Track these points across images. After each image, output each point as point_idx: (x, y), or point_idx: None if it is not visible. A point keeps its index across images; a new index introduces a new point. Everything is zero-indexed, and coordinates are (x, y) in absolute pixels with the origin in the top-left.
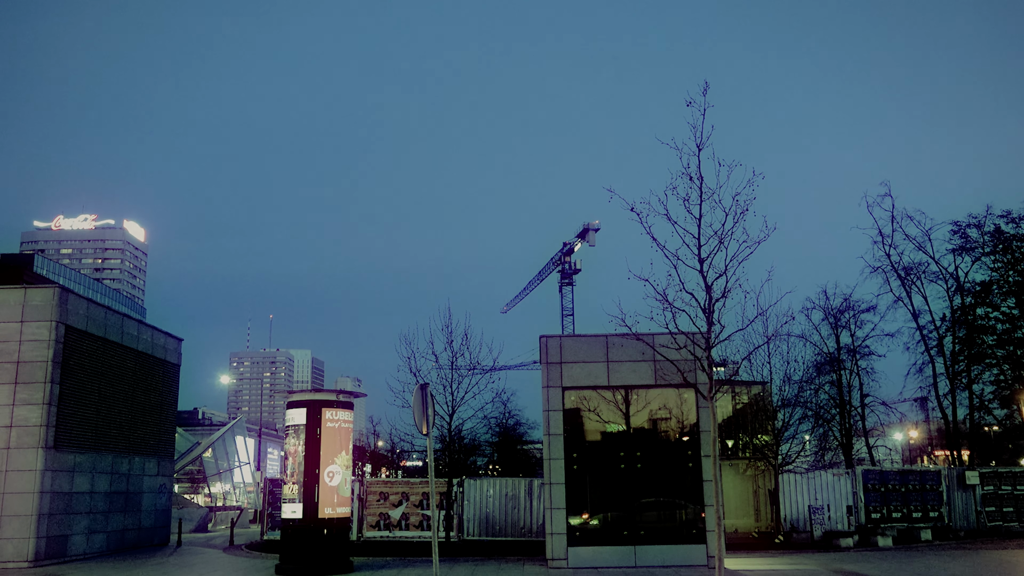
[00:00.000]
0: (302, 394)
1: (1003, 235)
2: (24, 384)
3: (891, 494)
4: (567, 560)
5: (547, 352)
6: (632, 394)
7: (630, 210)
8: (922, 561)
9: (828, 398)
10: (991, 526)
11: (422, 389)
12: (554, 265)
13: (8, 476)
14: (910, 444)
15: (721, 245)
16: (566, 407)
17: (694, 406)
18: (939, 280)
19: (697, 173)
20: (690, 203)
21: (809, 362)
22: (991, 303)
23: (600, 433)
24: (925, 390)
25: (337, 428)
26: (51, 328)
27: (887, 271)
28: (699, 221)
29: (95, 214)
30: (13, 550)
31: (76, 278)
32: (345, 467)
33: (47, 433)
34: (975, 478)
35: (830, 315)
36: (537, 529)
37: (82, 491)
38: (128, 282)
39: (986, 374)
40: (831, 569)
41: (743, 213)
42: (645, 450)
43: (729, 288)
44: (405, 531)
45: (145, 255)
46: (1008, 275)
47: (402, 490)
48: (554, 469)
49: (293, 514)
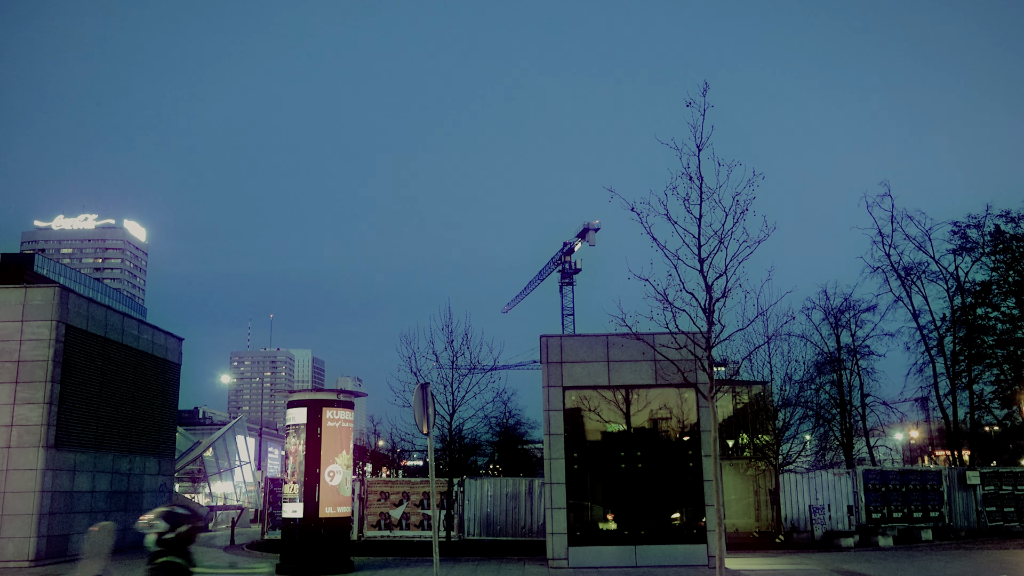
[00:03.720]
0: (302, 393)
1: (1003, 235)
2: (25, 383)
3: (892, 494)
4: (568, 560)
5: (547, 352)
6: (632, 394)
7: (630, 210)
8: (923, 561)
9: (829, 398)
10: (992, 526)
11: (423, 388)
12: (554, 265)
13: (9, 475)
14: (911, 444)
15: (721, 245)
16: (567, 407)
17: (694, 406)
18: (939, 280)
19: (697, 173)
20: (690, 203)
21: (809, 362)
22: (991, 303)
23: (601, 433)
24: (925, 390)
25: (338, 427)
26: (52, 327)
27: (887, 271)
28: (699, 221)
29: (95, 214)
30: (14, 549)
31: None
32: (346, 466)
33: (48, 432)
34: (976, 478)
35: (830, 315)
36: (538, 529)
37: (83, 490)
38: (128, 282)
39: (986, 374)
40: (832, 569)
41: (743, 213)
42: (646, 450)
43: (729, 288)
44: (406, 531)
45: (145, 255)
46: (1008, 275)
47: (403, 490)
48: (555, 469)
49: (294, 513)
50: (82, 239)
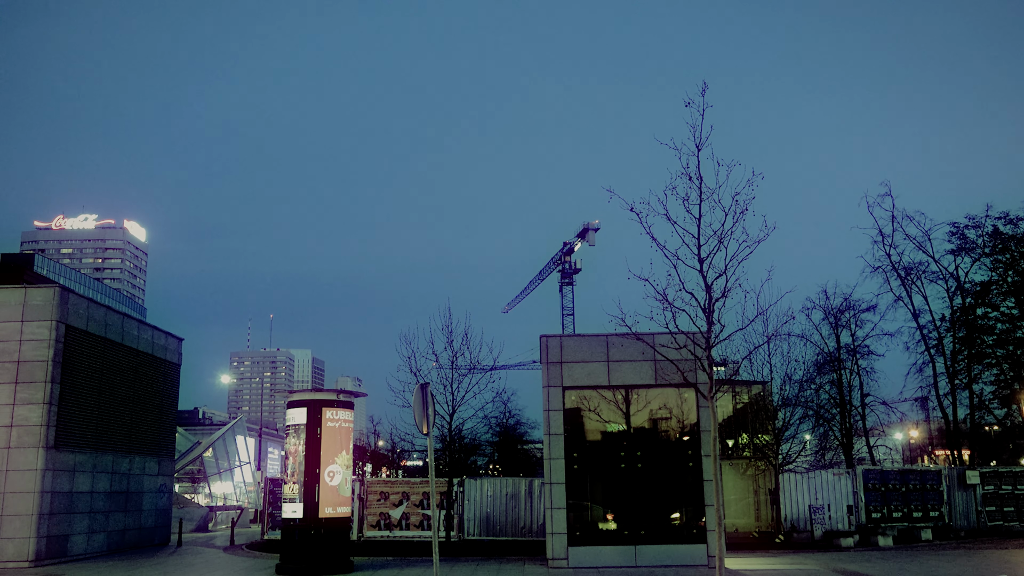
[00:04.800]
0: (302, 394)
1: (1001, 236)
2: (24, 384)
3: (891, 494)
4: (567, 560)
5: (547, 352)
6: (632, 394)
7: (630, 210)
8: (923, 561)
9: (828, 398)
10: (992, 526)
11: (422, 388)
12: (554, 265)
13: (8, 476)
14: (910, 444)
15: (721, 245)
16: (566, 407)
17: (694, 406)
18: (939, 280)
19: (696, 173)
20: (690, 203)
21: (809, 362)
22: (991, 303)
23: (600, 433)
24: (925, 390)
25: (337, 428)
26: (51, 328)
27: (887, 271)
28: (699, 221)
29: (95, 214)
30: (14, 550)
31: (76, 278)
32: (346, 467)
33: (47, 433)
34: (975, 478)
35: (830, 315)
36: (538, 529)
37: (82, 491)
38: (128, 282)
39: (986, 374)
40: (832, 569)
41: (743, 213)
42: (645, 450)
43: (729, 288)
44: (406, 531)
45: (145, 255)
46: (1007, 275)
47: (403, 490)
48: (554, 469)
49: (294, 514)
50: (82, 239)
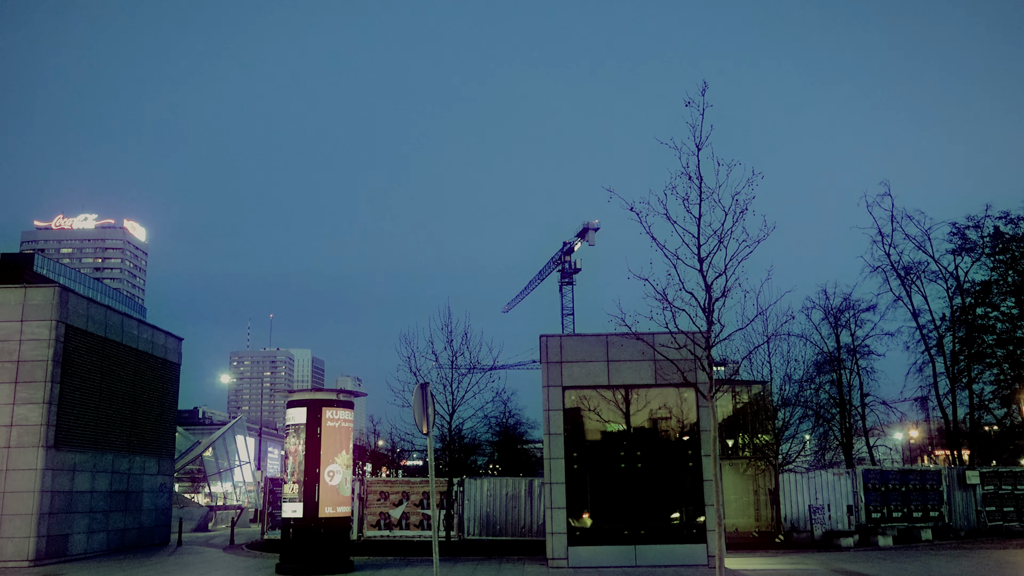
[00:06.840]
0: (302, 393)
1: (1002, 236)
2: (24, 383)
3: (891, 494)
4: (567, 559)
5: (547, 352)
6: (632, 393)
7: (629, 210)
8: (923, 561)
9: (828, 397)
10: (991, 526)
11: (422, 388)
12: (554, 265)
13: (8, 475)
14: (910, 444)
15: (721, 244)
16: (566, 406)
17: (694, 405)
18: (939, 280)
19: (696, 172)
20: (689, 202)
21: (809, 361)
22: (991, 303)
23: (600, 432)
24: (925, 390)
25: (337, 427)
26: (51, 327)
27: (887, 271)
28: (699, 220)
29: (95, 214)
30: (13, 549)
31: (76, 278)
32: (345, 466)
33: (47, 432)
34: (975, 478)
35: (830, 314)
36: (537, 528)
37: (82, 490)
38: (128, 282)
39: (986, 374)
40: (831, 569)
41: (742, 212)
42: (645, 450)
43: (729, 287)
44: (405, 530)
45: (145, 255)
46: (1007, 275)
47: (402, 489)
48: (554, 468)
49: (293, 513)
50: (82, 239)
